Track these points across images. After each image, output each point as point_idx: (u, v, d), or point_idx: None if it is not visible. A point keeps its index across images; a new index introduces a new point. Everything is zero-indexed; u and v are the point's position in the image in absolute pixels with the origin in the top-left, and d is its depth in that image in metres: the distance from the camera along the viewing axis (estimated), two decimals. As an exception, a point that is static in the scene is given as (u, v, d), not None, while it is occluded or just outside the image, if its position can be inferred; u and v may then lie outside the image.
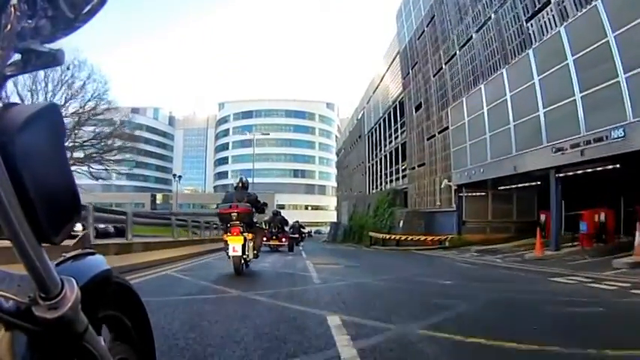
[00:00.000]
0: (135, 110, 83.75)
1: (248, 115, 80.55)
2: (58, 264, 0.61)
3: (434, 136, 20.38)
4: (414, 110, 23.14)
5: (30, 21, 0.51)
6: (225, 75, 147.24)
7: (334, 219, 57.72)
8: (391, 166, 27.63)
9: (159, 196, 68.75)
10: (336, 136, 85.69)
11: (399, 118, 25.99)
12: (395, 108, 26.79)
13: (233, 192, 6.22)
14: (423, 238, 18.02)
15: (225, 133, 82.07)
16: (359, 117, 38.65)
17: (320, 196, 79.42)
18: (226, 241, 5.57)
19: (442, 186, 18.48)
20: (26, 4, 0.50)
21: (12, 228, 0.44)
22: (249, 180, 7.08)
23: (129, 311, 0.76)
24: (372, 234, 22.35)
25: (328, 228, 53.16)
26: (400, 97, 25.69)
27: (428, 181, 20.98)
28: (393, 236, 19.75)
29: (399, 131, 26.05)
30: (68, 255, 0.65)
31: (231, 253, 5.47)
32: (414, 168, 22.96)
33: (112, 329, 0.73)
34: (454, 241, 16.85)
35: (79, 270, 0.62)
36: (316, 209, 76.39)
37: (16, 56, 0.52)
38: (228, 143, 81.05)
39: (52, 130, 0.51)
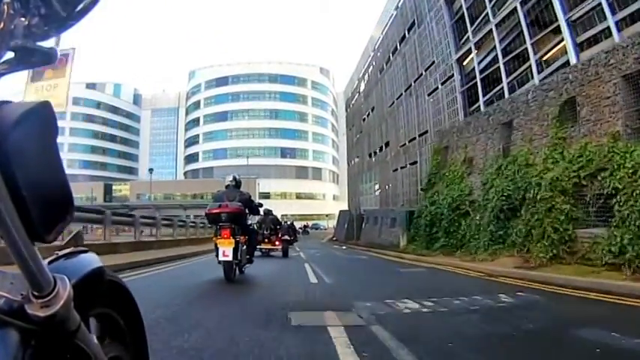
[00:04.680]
0: (91, 86, 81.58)
1: (223, 81, 75.87)
2: (50, 262, 0.70)
3: None
4: None
5: (23, 19, 0.59)
6: (201, 44, 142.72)
7: (332, 211, 54.03)
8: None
9: (126, 188, 67.18)
10: (333, 110, 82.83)
11: None
12: None
13: (224, 191, 6.50)
14: None
15: (196, 106, 78.30)
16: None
17: (315, 181, 75.45)
18: (216, 245, 5.74)
19: None
20: (19, 3, 0.57)
21: (4, 226, 0.51)
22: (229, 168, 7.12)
23: (121, 309, 0.88)
24: None
25: (329, 221, 48.74)
26: None
27: None
28: None
29: None
30: (61, 253, 0.76)
31: (221, 257, 5.63)
32: None
33: (105, 327, 0.84)
34: None
35: (71, 268, 0.72)
36: (310, 199, 72.85)
37: (9, 54, 0.60)
38: (199, 118, 77.34)
39: (44, 127, 0.59)
